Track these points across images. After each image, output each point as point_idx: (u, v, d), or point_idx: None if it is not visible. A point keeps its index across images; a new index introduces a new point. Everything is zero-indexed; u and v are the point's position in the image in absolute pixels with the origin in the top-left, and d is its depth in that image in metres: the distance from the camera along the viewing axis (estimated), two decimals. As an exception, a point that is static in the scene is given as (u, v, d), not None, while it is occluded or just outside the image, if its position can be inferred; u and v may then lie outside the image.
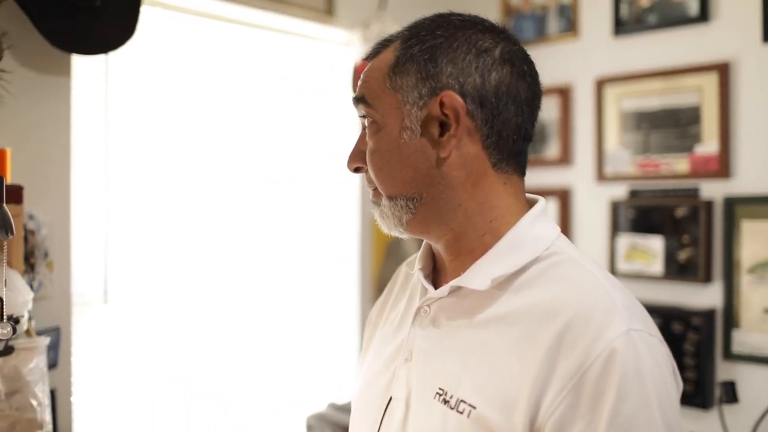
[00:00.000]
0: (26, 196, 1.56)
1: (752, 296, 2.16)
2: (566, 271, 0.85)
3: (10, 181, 1.47)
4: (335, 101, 2.58)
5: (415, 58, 0.87)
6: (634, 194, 2.44)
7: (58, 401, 1.76)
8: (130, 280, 2.04)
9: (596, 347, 0.76)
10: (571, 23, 2.60)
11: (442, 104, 0.85)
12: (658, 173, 2.38)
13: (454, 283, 0.89)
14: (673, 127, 2.35)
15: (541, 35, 2.68)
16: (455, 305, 0.90)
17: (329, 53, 2.56)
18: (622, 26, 2.46)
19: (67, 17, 1.67)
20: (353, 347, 2.68)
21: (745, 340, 2.17)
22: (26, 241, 1.66)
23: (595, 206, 2.54)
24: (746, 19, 2.19)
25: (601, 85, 2.50)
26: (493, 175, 0.89)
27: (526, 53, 0.92)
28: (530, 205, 0.93)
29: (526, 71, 0.90)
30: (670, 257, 2.33)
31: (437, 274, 0.98)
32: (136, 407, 2.07)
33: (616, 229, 2.46)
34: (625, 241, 2.44)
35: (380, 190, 0.91)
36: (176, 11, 2.13)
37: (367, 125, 0.92)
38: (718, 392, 2.10)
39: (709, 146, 2.26)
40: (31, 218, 1.69)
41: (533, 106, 0.91)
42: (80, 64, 1.88)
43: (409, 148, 0.87)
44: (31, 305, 1.45)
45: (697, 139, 2.29)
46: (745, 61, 2.21)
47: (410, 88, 0.87)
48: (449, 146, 0.86)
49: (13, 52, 1.66)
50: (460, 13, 0.92)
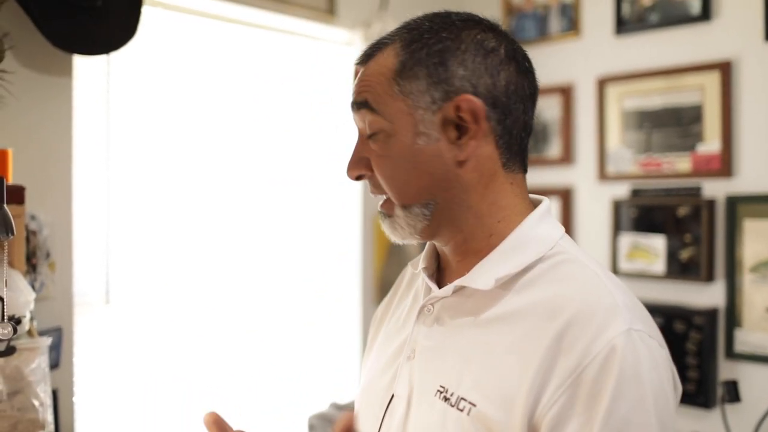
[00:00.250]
0: (28, 196, 1.56)
1: (754, 295, 2.15)
2: (569, 270, 0.85)
3: (11, 181, 1.47)
4: (337, 101, 2.58)
5: (423, 62, 0.86)
6: (636, 193, 2.43)
7: (59, 401, 1.76)
8: (131, 280, 2.04)
9: (596, 345, 0.76)
10: (572, 22, 2.60)
11: (458, 108, 0.85)
12: (660, 172, 2.37)
13: (458, 282, 0.89)
14: (675, 126, 2.34)
15: (542, 34, 2.67)
16: (459, 304, 0.90)
17: (331, 53, 2.56)
18: (623, 25, 2.45)
19: (68, 18, 1.67)
20: (355, 347, 2.68)
21: (747, 339, 2.17)
22: (28, 241, 1.66)
23: (597, 205, 2.54)
24: (748, 17, 2.19)
25: (602, 84, 2.50)
26: (502, 175, 0.89)
27: (523, 49, 0.92)
28: (534, 204, 0.93)
29: (527, 68, 0.91)
30: (672, 256, 2.33)
31: (441, 273, 0.98)
32: (137, 407, 2.07)
33: (618, 228, 2.46)
34: (627, 240, 2.44)
35: (393, 198, 0.89)
36: (177, 11, 2.13)
37: (369, 131, 0.89)
38: (720, 391, 2.10)
39: (711, 145, 2.26)
40: (32, 219, 1.69)
41: (534, 100, 0.92)
42: (82, 64, 1.88)
43: (425, 153, 0.86)
44: (32, 305, 1.45)
45: (699, 138, 2.29)
46: (747, 59, 2.20)
47: (421, 92, 0.85)
48: (468, 149, 0.86)
49: (14, 52, 1.66)
50: (456, 11, 0.91)
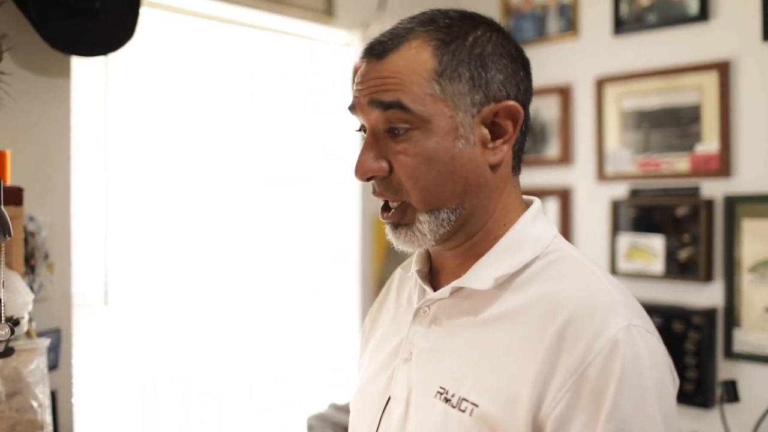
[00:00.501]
0: (26, 197, 1.56)
1: (753, 295, 2.15)
2: (565, 267, 0.86)
3: (10, 182, 1.47)
4: (335, 102, 2.58)
5: (464, 63, 0.84)
6: (634, 193, 2.43)
7: (58, 402, 1.76)
8: (130, 281, 2.04)
9: (597, 343, 0.77)
10: (571, 23, 2.60)
11: (496, 113, 0.85)
12: (658, 172, 2.37)
13: (455, 284, 0.89)
14: (673, 126, 2.35)
15: (541, 35, 2.68)
16: (456, 305, 0.89)
17: (329, 54, 2.57)
18: (622, 25, 2.45)
19: (66, 19, 1.67)
20: (354, 348, 2.67)
21: (746, 339, 2.17)
22: (26, 242, 1.66)
23: (595, 206, 2.54)
24: (746, 17, 2.19)
25: (601, 84, 2.50)
26: (511, 178, 0.91)
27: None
28: (526, 204, 0.94)
29: (530, 72, 0.92)
30: (670, 256, 2.33)
31: (434, 274, 0.97)
32: (136, 408, 2.07)
33: (616, 228, 2.46)
34: (625, 240, 2.44)
35: (420, 203, 0.85)
36: (176, 12, 2.13)
37: (398, 130, 0.84)
38: (719, 391, 2.10)
39: (709, 145, 2.26)
40: (31, 220, 1.69)
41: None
42: (80, 65, 1.88)
43: (463, 157, 0.85)
44: (31, 307, 1.45)
45: (697, 138, 2.29)
46: (745, 59, 2.20)
47: (462, 95, 0.84)
48: (501, 153, 0.86)
49: (12, 54, 1.66)
50: (474, 11, 0.90)
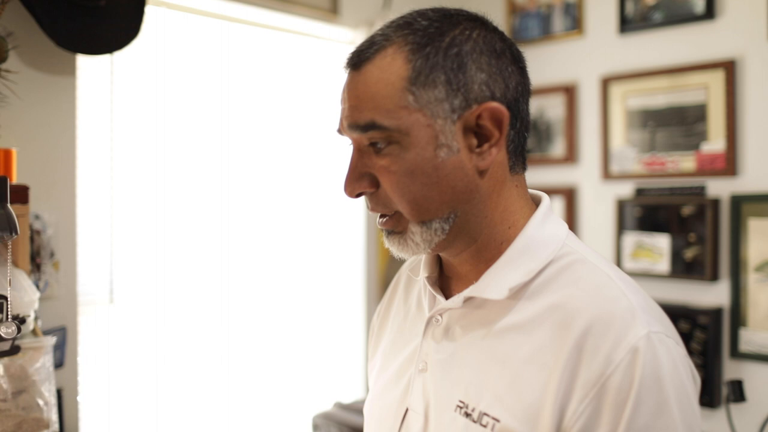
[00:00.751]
0: (32, 195, 1.56)
1: (759, 295, 2.15)
2: (580, 273, 0.82)
3: (16, 181, 1.47)
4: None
5: (439, 67, 0.79)
6: (640, 192, 2.43)
7: (64, 400, 1.76)
8: (135, 279, 2.05)
9: (617, 353, 0.75)
10: (576, 21, 2.59)
11: (479, 115, 0.80)
12: (664, 171, 2.37)
13: (468, 293, 0.86)
14: (679, 125, 2.34)
15: (546, 34, 2.67)
16: (469, 314, 0.87)
17: (334, 52, 2.56)
18: (627, 24, 2.45)
19: (72, 17, 1.68)
20: (359, 347, 2.68)
21: (752, 338, 2.16)
22: (32, 240, 1.66)
23: (600, 205, 2.53)
24: (752, 16, 2.18)
25: (606, 83, 2.49)
26: (509, 179, 0.86)
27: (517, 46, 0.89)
28: (534, 201, 0.90)
29: (524, 65, 0.87)
30: (676, 256, 2.32)
31: (444, 280, 0.94)
32: (142, 406, 2.07)
33: (622, 227, 2.46)
34: (631, 239, 2.43)
35: (409, 215, 0.83)
36: (181, 11, 2.14)
37: (379, 147, 0.81)
38: (725, 391, 2.09)
39: (715, 144, 2.25)
40: (37, 218, 1.69)
41: (530, 96, 0.89)
42: (85, 64, 1.88)
43: (447, 166, 0.80)
44: (37, 305, 1.46)
45: (703, 137, 2.28)
46: (751, 58, 2.19)
47: (439, 101, 0.79)
48: (489, 157, 0.82)
49: (18, 52, 1.67)
50: (457, 8, 0.85)
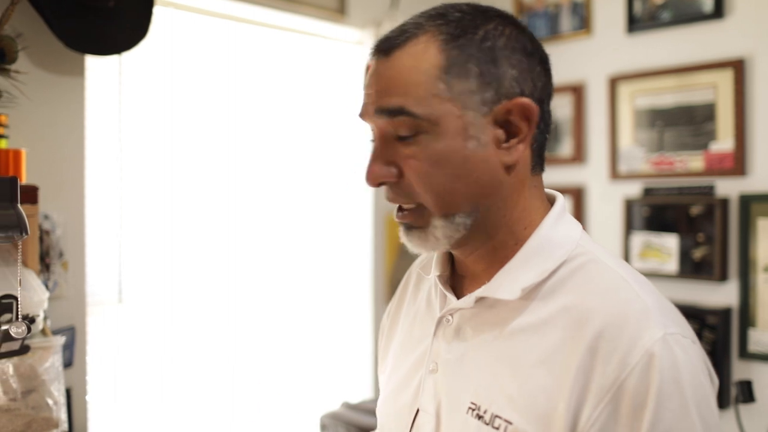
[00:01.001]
0: (41, 196, 1.57)
1: (768, 295, 2.14)
2: (594, 273, 0.81)
3: (25, 181, 1.48)
4: (348, 100, 2.58)
5: (474, 59, 0.79)
6: (648, 192, 2.42)
7: (73, 400, 1.77)
8: (144, 279, 2.05)
9: (633, 356, 0.73)
10: (584, 21, 2.58)
11: (509, 110, 0.80)
12: (672, 171, 2.36)
13: (480, 293, 0.84)
14: (687, 124, 2.33)
15: (554, 33, 2.66)
16: (480, 315, 0.85)
17: (341, 52, 2.57)
18: (635, 23, 2.44)
19: (80, 18, 1.68)
20: (367, 347, 2.68)
21: (761, 339, 2.15)
22: (41, 240, 1.67)
23: (609, 204, 2.52)
24: (761, 15, 2.17)
25: (614, 82, 2.49)
26: (529, 179, 0.85)
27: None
28: (549, 200, 0.89)
29: (550, 69, 0.87)
30: (684, 256, 2.31)
31: (456, 278, 0.92)
32: (150, 405, 2.08)
33: (630, 227, 2.45)
34: (639, 239, 2.42)
35: (434, 207, 0.81)
36: (189, 11, 2.14)
37: (405, 133, 0.80)
38: (734, 391, 2.08)
39: (724, 144, 2.24)
40: (46, 218, 1.70)
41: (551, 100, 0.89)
42: (94, 64, 1.89)
43: (475, 159, 0.80)
44: (46, 305, 1.46)
45: (711, 136, 2.27)
46: (760, 57, 2.18)
47: (471, 92, 0.78)
48: (516, 153, 0.81)
49: (27, 53, 1.68)
50: (488, 5, 0.86)
